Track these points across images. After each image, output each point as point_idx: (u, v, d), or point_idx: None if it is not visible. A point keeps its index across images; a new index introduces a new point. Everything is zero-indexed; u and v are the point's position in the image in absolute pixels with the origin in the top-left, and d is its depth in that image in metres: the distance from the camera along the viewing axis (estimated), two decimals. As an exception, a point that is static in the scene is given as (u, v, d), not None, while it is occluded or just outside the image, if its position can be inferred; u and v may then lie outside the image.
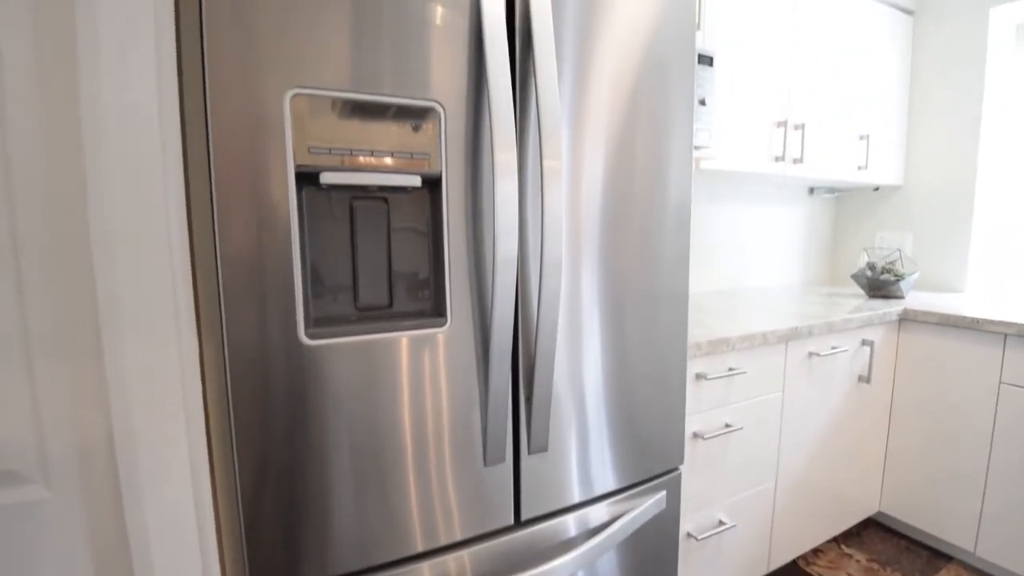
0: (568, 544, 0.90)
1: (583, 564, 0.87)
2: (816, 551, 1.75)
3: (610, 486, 0.95)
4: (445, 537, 0.79)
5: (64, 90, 0.55)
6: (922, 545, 1.78)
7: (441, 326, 0.74)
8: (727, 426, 1.30)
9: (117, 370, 0.58)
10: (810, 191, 2.32)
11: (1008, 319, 1.45)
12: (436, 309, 0.75)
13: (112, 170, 0.56)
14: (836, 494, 1.66)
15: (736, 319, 1.46)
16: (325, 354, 0.67)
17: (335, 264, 0.69)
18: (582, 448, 0.90)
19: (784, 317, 1.50)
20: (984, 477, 1.54)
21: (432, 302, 0.75)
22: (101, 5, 0.54)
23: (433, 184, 0.72)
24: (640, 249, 0.91)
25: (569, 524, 0.90)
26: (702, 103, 1.33)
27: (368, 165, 0.67)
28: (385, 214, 0.71)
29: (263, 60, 0.59)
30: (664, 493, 1.00)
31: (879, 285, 1.89)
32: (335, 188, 0.67)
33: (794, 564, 1.67)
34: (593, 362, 0.89)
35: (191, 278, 0.63)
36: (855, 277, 1.98)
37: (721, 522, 1.34)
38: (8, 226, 0.55)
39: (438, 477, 0.77)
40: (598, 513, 0.94)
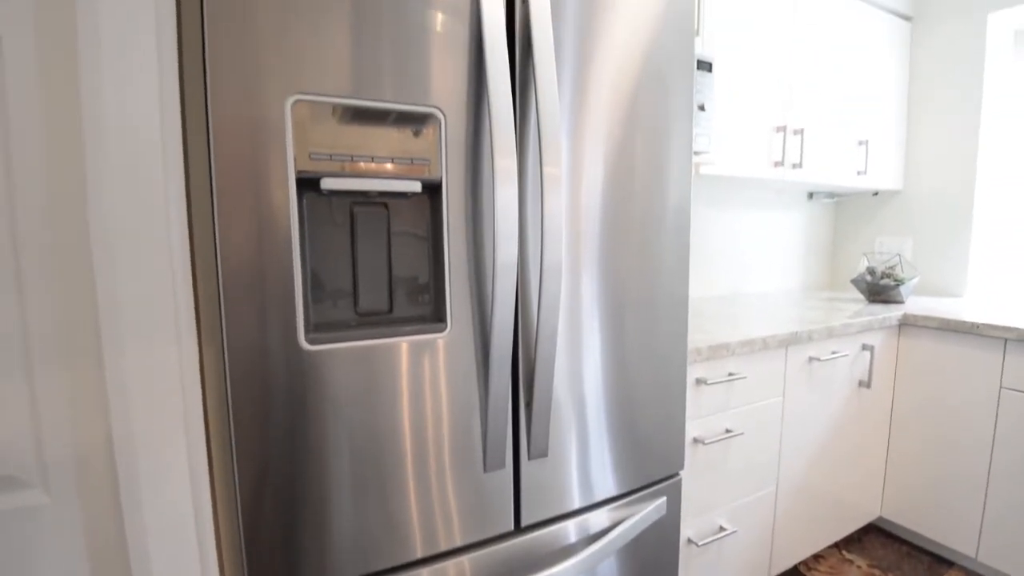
0: (568, 550, 0.90)
1: (583, 570, 0.87)
2: (817, 557, 1.74)
3: (610, 492, 0.94)
4: (445, 543, 0.78)
5: (64, 90, 0.55)
6: (923, 551, 1.77)
7: (441, 331, 0.74)
8: (727, 431, 1.29)
9: (117, 374, 0.58)
10: (809, 196, 2.32)
11: (1008, 324, 1.45)
12: (436, 314, 0.75)
13: (112, 170, 0.56)
14: (837, 499, 1.65)
15: (736, 324, 1.46)
16: (325, 359, 0.67)
17: (335, 269, 0.69)
18: (582, 453, 0.90)
19: (784, 322, 1.50)
20: (985, 482, 1.53)
21: (432, 307, 0.75)
22: (101, 6, 0.54)
23: (433, 190, 0.72)
24: (640, 254, 0.91)
25: (569, 530, 0.90)
26: (701, 109, 1.33)
27: (369, 171, 0.67)
28: (385, 219, 0.71)
29: (264, 66, 0.60)
30: (664, 499, 1.00)
31: (879, 290, 1.89)
32: (336, 193, 0.67)
33: (795, 570, 1.67)
34: (593, 367, 0.89)
35: (191, 281, 0.63)
36: (855, 282, 1.98)
37: (722, 528, 1.33)
38: (8, 226, 0.55)
39: (438, 483, 0.76)
40: (598, 519, 0.93)
